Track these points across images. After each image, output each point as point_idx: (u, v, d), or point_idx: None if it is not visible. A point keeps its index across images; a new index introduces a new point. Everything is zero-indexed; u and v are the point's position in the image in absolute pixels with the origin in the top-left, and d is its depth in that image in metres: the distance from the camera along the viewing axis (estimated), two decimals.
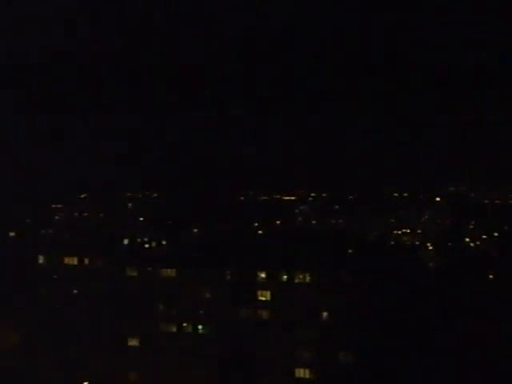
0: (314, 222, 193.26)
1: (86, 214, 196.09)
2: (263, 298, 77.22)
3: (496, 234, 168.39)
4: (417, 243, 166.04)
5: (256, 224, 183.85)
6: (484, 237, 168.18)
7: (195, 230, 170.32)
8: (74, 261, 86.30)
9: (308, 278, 75.81)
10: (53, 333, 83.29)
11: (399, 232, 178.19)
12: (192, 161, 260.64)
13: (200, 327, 79.69)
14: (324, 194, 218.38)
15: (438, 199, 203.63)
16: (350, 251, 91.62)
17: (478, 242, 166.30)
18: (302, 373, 75.38)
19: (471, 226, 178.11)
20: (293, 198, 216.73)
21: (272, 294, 76.97)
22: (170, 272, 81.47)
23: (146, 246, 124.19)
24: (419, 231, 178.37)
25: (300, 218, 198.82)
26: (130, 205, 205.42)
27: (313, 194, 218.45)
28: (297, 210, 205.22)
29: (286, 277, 76.58)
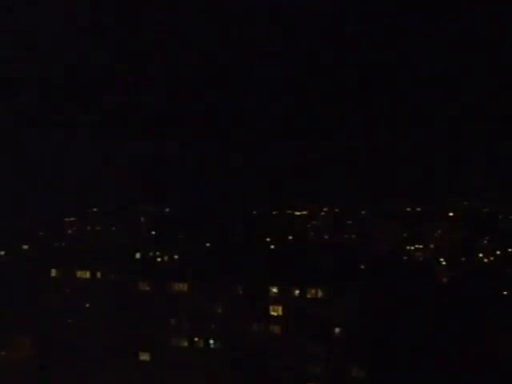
0: (326, 236, 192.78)
1: (98, 228, 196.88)
2: (275, 313, 76.85)
3: (510, 250, 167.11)
4: (430, 258, 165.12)
5: (268, 239, 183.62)
6: (498, 252, 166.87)
7: (207, 245, 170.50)
8: (87, 274, 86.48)
9: (320, 293, 75.37)
10: (65, 345, 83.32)
11: (412, 247, 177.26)
12: (204, 175, 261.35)
13: (211, 342, 79.43)
14: (336, 209, 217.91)
15: (451, 214, 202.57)
16: (362, 266, 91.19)
17: (491, 258, 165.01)
18: None
19: (485, 242, 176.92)
20: (305, 213, 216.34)
21: (284, 309, 76.58)
22: (182, 286, 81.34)
23: (159, 259, 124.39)
24: (432, 246, 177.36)
25: (312, 233, 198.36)
26: (142, 219, 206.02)
27: (325, 209, 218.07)
28: (309, 225, 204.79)
29: (298, 292, 76.18)
